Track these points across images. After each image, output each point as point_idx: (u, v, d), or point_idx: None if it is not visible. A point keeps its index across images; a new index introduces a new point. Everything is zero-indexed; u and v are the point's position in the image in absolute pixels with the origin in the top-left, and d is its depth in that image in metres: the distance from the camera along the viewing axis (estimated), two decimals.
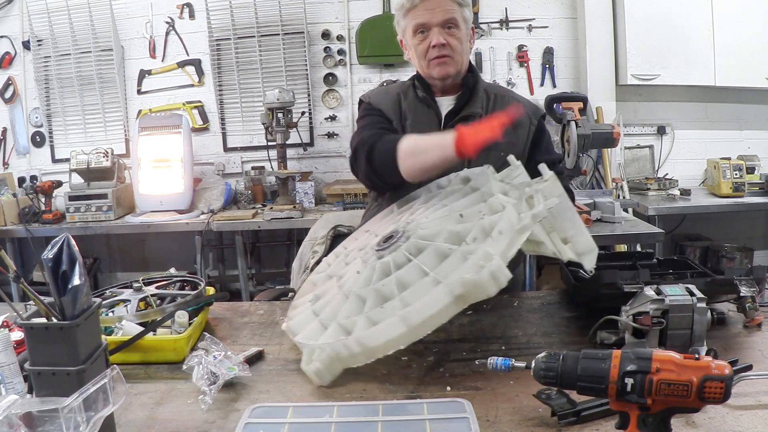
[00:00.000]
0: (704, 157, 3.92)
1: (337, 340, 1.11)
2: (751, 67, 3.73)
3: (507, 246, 1.08)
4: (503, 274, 1.04)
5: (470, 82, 1.64)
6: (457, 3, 1.58)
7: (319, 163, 4.06)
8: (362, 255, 1.34)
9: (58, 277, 0.90)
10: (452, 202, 1.32)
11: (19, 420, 0.80)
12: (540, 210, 1.13)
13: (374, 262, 1.24)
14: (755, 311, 1.31)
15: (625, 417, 0.81)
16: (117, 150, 3.74)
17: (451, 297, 1.04)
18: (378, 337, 1.07)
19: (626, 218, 3.10)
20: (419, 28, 1.58)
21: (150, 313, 1.35)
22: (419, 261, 1.16)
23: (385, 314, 1.10)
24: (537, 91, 3.96)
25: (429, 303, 1.06)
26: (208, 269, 3.91)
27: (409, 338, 1.07)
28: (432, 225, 1.25)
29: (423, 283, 1.10)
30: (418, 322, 1.05)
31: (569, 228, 1.21)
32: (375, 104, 1.71)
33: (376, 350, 1.08)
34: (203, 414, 1.04)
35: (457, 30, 1.58)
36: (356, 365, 1.11)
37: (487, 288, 1.03)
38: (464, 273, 1.05)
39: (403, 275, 1.16)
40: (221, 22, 3.89)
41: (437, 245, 1.17)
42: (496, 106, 1.64)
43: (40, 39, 3.91)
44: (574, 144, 3.07)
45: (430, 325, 1.06)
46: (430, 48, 1.57)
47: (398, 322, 1.06)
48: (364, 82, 3.99)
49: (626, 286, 1.28)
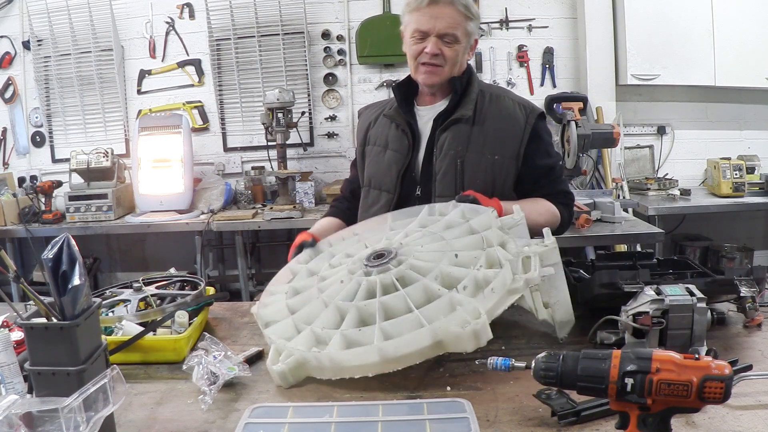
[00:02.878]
0: (704, 157, 3.92)
1: (309, 351, 1.13)
2: (751, 67, 3.73)
3: (495, 305, 1.10)
4: (485, 335, 1.06)
5: (458, 84, 1.62)
6: (464, 15, 1.55)
7: (319, 163, 4.06)
8: (349, 264, 1.33)
9: (58, 277, 0.90)
10: (450, 238, 1.31)
11: (19, 420, 0.80)
12: (534, 276, 1.14)
13: (361, 278, 1.24)
14: (755, 311, 1.31)
15: (625, 417, 0.81)
16: (117, 150, 3.74)
17: (431, 342, 1.06)
18: (351, 359, 1.09)
19: (626, 218, 3.10)
20: (418, 32, 1.57)
21: (150, 313, 1.35)
22: (407, 293, 1.16)
23: (363, 338, 1.11)
24: (537, 91, 3.96)
25: (409, 341, 1.07)
26: (208, 269, 3.91)
27: (380, 369, 1.09)
28: (426, 257, 1.25)
29: (407, 319, 1.11)
30: (393, 356, 1.07)
31: (554, 295, 1.23)
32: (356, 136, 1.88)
33: (345, 371, 1.10)
34: (203, 414, 1.04)
35: (456, 44, 1.56)
36: (321, 377, 1.13)
37: (467, 344, 1.06)
38: (450, 323, 1.06)
39: (387, 302, 1.16)
40: (221, 22, 3.89)
41: (428, 283, 1.17)
42: (491, 107, 1.62)
43: (40, 39, 3.91)
44: (574, 144, 3.07)
45: (404, 361, 1.08)
46: (423, 53, 1.56)
47: (374, 352, 1.07)
48: (364, 82, 3.99)
49: (626, 286, 1.28)
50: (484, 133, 1.59)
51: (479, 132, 1.59)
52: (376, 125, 1.75)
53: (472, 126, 1.60)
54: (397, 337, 1.08)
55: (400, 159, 1.65)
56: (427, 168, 1.62)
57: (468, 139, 1.59)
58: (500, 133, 1.60)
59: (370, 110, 1.82)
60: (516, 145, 1.60)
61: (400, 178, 1.64)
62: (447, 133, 1.60)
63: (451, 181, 1.58)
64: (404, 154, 1.64)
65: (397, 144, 1.67)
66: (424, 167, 1.63)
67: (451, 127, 1.60)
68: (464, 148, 1.58)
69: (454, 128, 1.60)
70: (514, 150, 1.60)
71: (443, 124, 1.61)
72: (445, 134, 1.60)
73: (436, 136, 1.61)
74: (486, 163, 1.58)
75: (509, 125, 1.60)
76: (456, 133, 1.59)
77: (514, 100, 1.66)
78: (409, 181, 1.65)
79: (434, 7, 1.53)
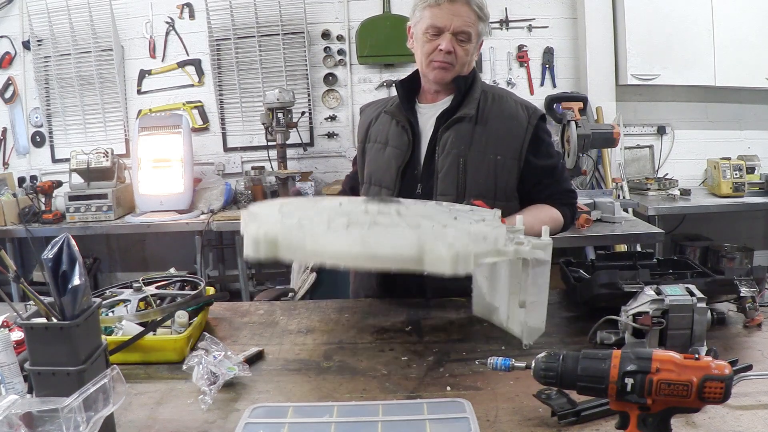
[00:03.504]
0: (704, 157, 3.92)
1: (290, 227, 1.09)
2: (751, 67, 3.73)
3: (483, 252, 1.08)
4: (465, 265, 1.02)
5: (462, 83, 1.63)
6: (478, 15, 1.56)
7: (319, 163, 4.06)
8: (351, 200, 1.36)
9: (58, 277, 0.90)
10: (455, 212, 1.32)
11: (19, 420, 0.80)
12: (525, 250, 1.13)
13: (359, 203, 1.25)
14: (755, 311, 1.31)
15: (625, 417, 0.81)
16: (117, 150, 3.74)
17: (415, 251, 1.02)
18: (333, 243, 1.05)
19: (626, 218, 3.10)
20: (433, 27, 1.56)
21: (150, 313, 1.35)
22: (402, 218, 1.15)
23: (347, 228, 1.07)
24: (537, 91, 3.96)
25: (394, 243, 1.04)
26: (208, 269, 3.91)
27: (358, 261, 1.06)
28: (427, 210, 1.25)
29: (397, 230, 1.09)
30: (373, 252, 1.03)
31: (533, 294, 1.22)
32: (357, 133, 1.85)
33: (322, 254, 1.07)
34: (203, 414, 1.04)
35: (468, 43, 1.58)
36: (291, 258, 1.08)
37: (446, 265, 1.01)
38: (437, 240, 1.03)
39: (380, 219, 1.14)
40: (221, 22, 3.89)
41: (421, 219, 1.16)
42: (494, 107, 1.63)
43: (40, 39, 3.91)
44: (574, 144, 3.07)
45: (382, 262, 1.04)
46: (437, 50, 1.57)
47: (357, 240, 1.04)
48: (364, 82, 3.99)
49: (626, 286, 1.28)
50: (486, 132, 1.59)
51: (482, 131, 1.60)
52: (377, 122, 1.76)
53: (474, 125, 1.60)
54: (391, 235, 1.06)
55: (400, 155, 1.65)
56: (429, 166, 1.63)
57: (471, 138, 1.59)
58: (502, 133, 1.60)
59: (372, 107, 1.83)
60: (518, 145, 1.60)
61: (400, 175, 1.65)
62: (450, 132, 1.60)
63: (453, 180, 1.58)
64: (404, 151, 1.65)
65: (397, 141, 1.67)
66: (426, 165, 1.63)
67: (454, 126, 1.60)
68: (467, 147, 1.58)
69: (457, 127, 1.60)
70: (516, 150, 1.60)
71: (446, 122, 1.61)
72: (448, 133, 1.60)
73: (439, 134, 1.61)
74: (488, 163, 1.58)
75: (512, 125, 1.61)
76: (459, 131, 1.60)
77: (516, 101, 1.67)
78: (409, 179, 1.65)
79: (453, 5, 1.54)
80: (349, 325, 1.44)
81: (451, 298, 1.57)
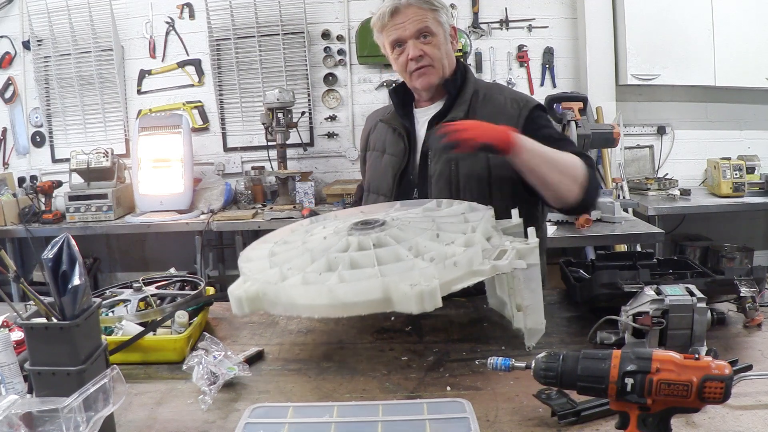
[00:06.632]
0: (704, 157, 3.92)
1: (267, 283, 1.15)
2: (751, 67, 3.73)
3: (453, 280, 1.09)
4: (432, 300, 1.04)
5: (451, 87, 1.62)
6: (428, 9, 1.56)
7: (319, 163, 4.06)
8: (338, 224, 1.37)
9: (58, 277, 0.90)
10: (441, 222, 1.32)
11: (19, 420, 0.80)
12: (503, 264, 1.13)
13: (342, 236, 1.27)
14: (755, 311, 1.31)
15: (625, 417, 0.81)
16: (117, 150, 3.74)
17: (381, 295, 1.06)
18: (303, 297, 1.10)
19: (626, 218, 3.10)
20: (395, 43, 1.59)
21: (150, 313, 1.35)
22: (376, 253, 1.17)
23: (321, 281, 1.12)
24: (537, 91, 3.96)
25: (359, 290, 1.08)
26: (208, 269, 3.91)
27: (328, 312, 1.10)
28: (408, 230, 1.26)
29: (366, 271, 1.12)
30: (341, 301, 1.07)
31: (527, 298, 1.22)
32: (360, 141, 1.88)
33: (296, 308, 1.13)
34: (203, 414, 1.04)
35: (433, 37, 1.57)
36: (273, 312, 1.16)
37: (412, 305, 1.04)
38: (401, 280, 1.06)
39: (356, 257, 1.18)
40: (221, 22, 3.89)
41: (399, 249, 1.18)
42: (484, 107, 1.61)
43: (40, 39, 3.91)
44: None
45: (352, 309, 1.09)
46: (408, 61, 1.58)
47: (325, 293, 1.08)
48: (364, 82, 4.00)
49: (626, 286, 1.28)
50: None
51: None
52: (375, 130, 1.77)
53: None
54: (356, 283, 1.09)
55: (397, 163, 1.66)
56: (423, 171, 1.63)
57: None
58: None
59: (374, 115, 1.85)
60: None
61: (397, 182, 1.65)
62: None
63: (446, 183, 1.58)
64: (400, 158, 1.66)
65: (393, 148, 1.68)
66: (421, 170, 1.64)
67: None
68: None
69: None
70: None
71: (436, 126, 1.61)
72: None
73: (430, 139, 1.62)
74: (480, 161, 1.57)
75: (500, 121, 1.59)
76: None
77: (507, 97, 1.64)
78: (406, 185, 1.66)
79: (396, 16, 1.56)
80: (349, 325, 1.44)
81: (451, 298, 1.56)
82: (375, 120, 1.80)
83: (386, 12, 1.57)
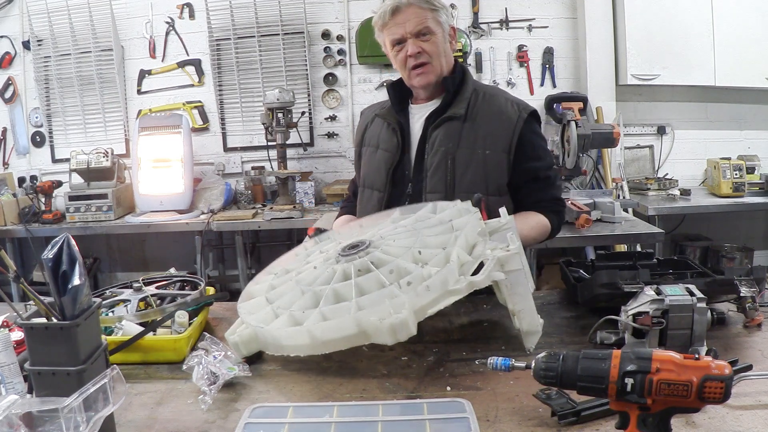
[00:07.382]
0: (704, 157, 3.93)
1: (257, 326, 1.19)
2: (751, 67, 3.73)
3: (428, 303, 1.10)
4: (404, 331, 1.06)
5: (450, 84, 1.63)
6: (428, 9, 1.59)
7: (319, 163, 4.06)
8: (330, 251, 1.38)
9: (58, 277, 0.90)
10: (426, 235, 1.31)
11: (19, 420, 0.80)
12: (479, 280, 1.13)
13: (330, 265, 1.29)
14: (755, 311, 1.31)
15: (625, 417, 0.81)
16: (117, 150, 3.74)
17: (356, 330, 1.09)
18: (286, 339, 1.15)
19: (626, 218, 3.09)
20: (395, 42, 1.61)
21: (150, 313, 1.35)
22: (356, 282, 1.19)
23: (302, 319, 1.16)
24: (537, 91, 3.96)
25: (335, 327, 1.11)
26: (208, 269, 3.91)
27: (310, 350, 1.13)
28: (392, 251, 1.27)
29: (343, 306, 1.14)
30: (320, 340, 1.11)
31: (519, 302, 1.22)
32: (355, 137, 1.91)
33: (283, 349, 1.17)
34: (203, 414, 1.04)
35: (432, 36, 1.59)
36: (268, 352, 1.20)
37: (386, 337, 1.07)
38: (372, 315, 1.08)
39: (339, 289, 1.20)
40: (221, 22, 3.89)
41: (380, 275, 1.19)
42: (484, 105, 1.63)
43: (40, 39, 3.91)
44: (574, 144, 3.07)
45: (331, 346, 1.12)
46: (407, 58, 1.59)
47: (304, 334, 1.12)
48: (364, 82, 4.00)
49: (626, 286, 1.28)
50: (475, 129, 1.60)
51: (471, 128, 1.60)
52: (371, 126, 1.78)
53: (463, 123, 1.61)
54: (331, 321, 1.12)
55: (390, 158, 1.67)
56: (419, 165, 1.64)
57: (459, 135, 1.60)
58: (491, 128, 1.60)
59: (369, 111, 1.85)
60: (507, 138, 1.59)
61: (390, 176, 1.66)
62: (439, 131, 1.61)
63: (442, 177, 1.59)
64: (393, 153, 1.67)
65: (387, 143, 1.69)
66: (417, 165, 1.65)
67: (443, 125, 1.61)
68: (455, 145, 1.59)
69: (446, 125, 1.61)
70: (506, 144, 1.59)
71: (435, 121, 1.62)
72: (437, 131, 1.61)
73: (428, 134, 1.63)
74: (477, 159, 1.58)
75: (501, 120, 1.60)
76: (448, 130, 1.61)
77: (507, 99, 1.66)
78: (400, 179, 1.66)
79: (398, 15, 1.58)
80: None
81: None
82: (371, 115, 1.81)
83: (387, 11, 1.59)
